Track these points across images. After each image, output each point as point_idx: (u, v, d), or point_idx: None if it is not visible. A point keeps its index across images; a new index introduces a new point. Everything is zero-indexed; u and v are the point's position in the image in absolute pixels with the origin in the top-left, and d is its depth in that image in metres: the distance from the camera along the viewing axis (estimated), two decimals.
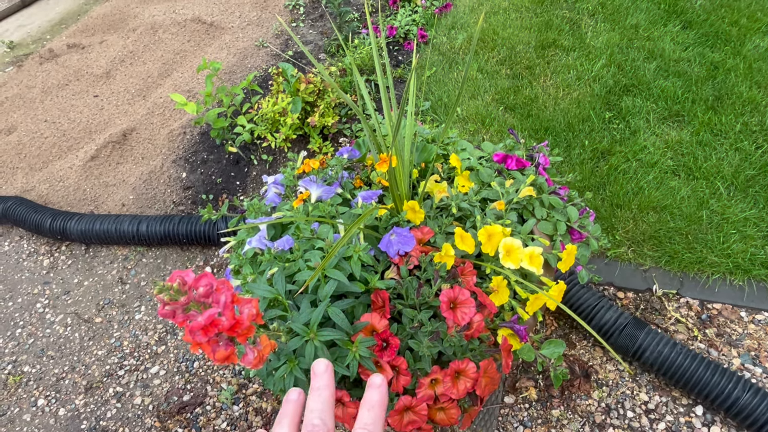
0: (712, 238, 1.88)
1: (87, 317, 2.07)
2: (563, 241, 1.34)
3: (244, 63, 3.04)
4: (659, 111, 2.36)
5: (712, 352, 1.66)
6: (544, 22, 2.97)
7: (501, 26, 2.99)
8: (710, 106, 2.35)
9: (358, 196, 1.20)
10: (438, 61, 2.87)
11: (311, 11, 3.47)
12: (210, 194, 2.36)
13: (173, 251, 2.25)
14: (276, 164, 2.42)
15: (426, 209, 1.28)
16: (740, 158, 2.12)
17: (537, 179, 1.39)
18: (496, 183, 1.35)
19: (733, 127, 2.24)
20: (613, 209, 2.02)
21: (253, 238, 1.15)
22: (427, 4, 3.24)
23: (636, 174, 2.12)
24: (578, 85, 2.55)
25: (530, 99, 2.51)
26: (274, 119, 2.29)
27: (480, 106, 2.52)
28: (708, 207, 1.97)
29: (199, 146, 2.57)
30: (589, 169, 2.16)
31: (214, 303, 0.73)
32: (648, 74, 2.54)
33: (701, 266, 1.83)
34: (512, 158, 1.41)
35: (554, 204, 1.37)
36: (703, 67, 2.55)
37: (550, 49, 2.80)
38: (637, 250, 1.91)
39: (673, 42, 2.72)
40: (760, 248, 1.84)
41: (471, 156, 1.49)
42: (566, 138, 2.30)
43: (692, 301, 1.79)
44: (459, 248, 1.13)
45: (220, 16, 3.46)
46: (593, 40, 2.80)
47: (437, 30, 3.09)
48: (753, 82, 2.42)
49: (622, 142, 2.25)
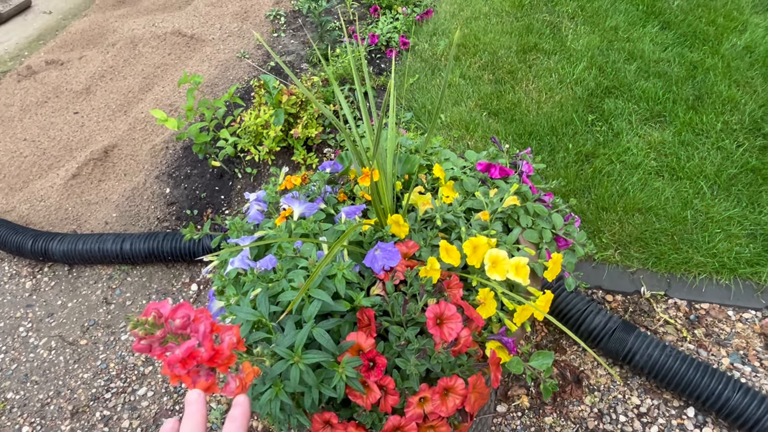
0: (698, 238, 1.89)
1: (71, 340, 2.03)
2: (549, 248, 1.33)
3: (225, 75, 3.01)
4: (641, 112, 2.38)
5: (702, 353, 1.67)
6: (524, 26, 2.99)
7: (482, 31, 2.99)
8: (691, 106, 2.37)
9: (342, 212, 1.19)
10: (420, 68, 2.87)
11: (292, 21, 3.46)
12: (194, 209, 2.34)
13: (159, 269, 2.22)
14: (260, 177, 2.40)
15: (411, 222, 1.27)
16: (722, 157, 2.14)
17: (521, 187, 1.38)
18: (480, 193, 1.34)
19: (714, 126, 2.26)
20: (599, 212, 2.02)
21: (236, 258, 1.13)
22: (408, 11, 3.24)
23: (620, 176, 2.13)
24: (560, 88, 2.57)
25: (513, 104, 2.51)
26: (257, 132, 2.27)
27: (464, 113, 2.52)
28: (692, 207, 1.98)
29: (183, 161, 2.54)
30: (574, 173, 2.16)
31: (192, 333, 0.71)
32: (629, 76, 2.56)
33: (688, 266, 1.84)
34: (496, 167, 1.41)
35: (539, 212, 1.37)
36: (682, 67, 2.57)
37: (531, 53, 2.81)
38: (624, 252, 1.92)
39: (652, 43, 2.74)
40: (745, 246, 1.85)
41: (455, 165, 1.49)
42: (550, 142, 2.31)
43: (680, 302, 1.80)
44: (444, 261, 1.12)
45: (200, 29, 3.43)
46: (574, 43, 2.81)
47: (419, 37, 3.09)
48: (732, 80, 2.45)
49: (605, 145, 2.26)
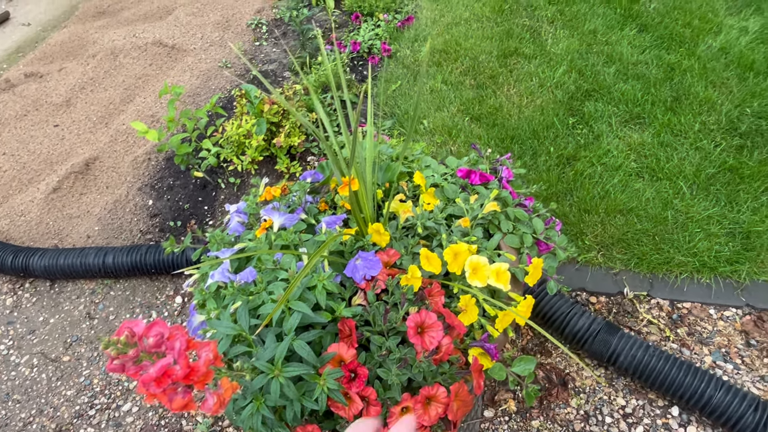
0: (678, 238, 1.91)
1: (54, 356, 2.01)
2: (530, 253, 1.34)
3: (207, 85, 3.00)
4: (621, 114, 2.41)
5: (685, 352, 1.69)
6: (505, 31, 3.01)
7: (463, 37, 3.02)
8: (669, 107, 2.40)
9: (322, 222, 1.19)
10: (403, 74, 2.88)
11: (274, 29, 3.46)
12: (177, 221, 2.32)
13: (142, 282, 2.19)
14: (243, 186, 2.39)
15: (392, 230, 1.28)
16: (700, 157, 2.17)
17: (501, 193, 1.39)
18: (461, 199, 1.35)
19: (692, 126, 2.29)
20: (581, 214, 2.04)
21: (216, 271, 1.12)
22: (390, 17, 3.26)
23: (601, 178, 2.15)
24: (541, 92, 2.59)
25: (495, 108, 2.53)
26: (240, 142, 2.27)
27: (446, 118, 2.53)
28: (672, 207, 2.01)
29: (165, 172, 2.53)
30: (556, 176, 2.18)
31: (168, 351, 0.70)
32: (608, 78, 2.59)
33: (669, 266, 1.86)
34: (476, 173, 1.41)
35: (519, 217, 1.38)
36: (660, 69, 2.61)
37: (512, 58, 2.84)
38: (606, 254, 1.94)
39: (630, 46, 2.78)
40: (724, 245, 1.88)
41: (435, 172, 1.49)
42: (532, 145, 2.33)
43: (663, 302, 1.81)
44: (425, 269, 1.12)
45: (181, 39, 3.42)
46: (553, 47, 2.84)
47: (401, 43, 3.10)
48: (708, 81, 2.49)
49: (586, 147, 2.28)
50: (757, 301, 1.77)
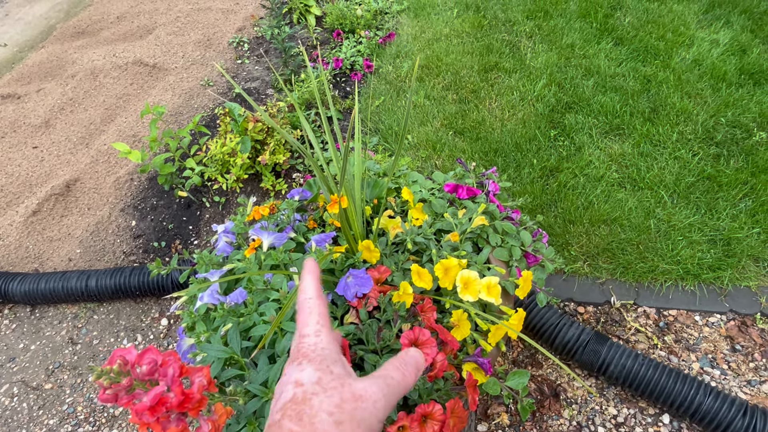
0: (662, 246, 1.95)
1: (36, 384, 1.95)
2: (519, 266, 1.35)
3: (190, 104, 2.99)
4: (601, 126, 2.46)
5: (673, 359, 1.71)
6: (485, 46, 3.06)
7: (444, 52, 3.06)
8: (647, 118, 2.46)
9: (312, 240, 1.18)
10: (386, 90, 2.90)
11: (256, 47, 3.47)
12: (162, 241, 2.29)
13: (126, 305, 2.15)
14: (229, 205, 2.37)
15: (381, 247, 1.28)
16: (680, 166, 2.22)
17: (488, 207, 1.40)
18: (449, 214, 1.36)
19: (670, 136, 2.34)
20: (566, 225, 2.06)
21: (205, 293, 1.11)
22: (371, 34, 3.29)
23: (585, 189, 2.18)
24: (522, 105, 2.63)
25: (478, 122, 2.56)
26: (224, 160, 2.25)
27: (430, 132, 2.55)
28: (655, 216, 2.05)
29: (148, 192, 2.49)
30: (540, 188, 2.21)
31: (161, 378, 0.69)
32: (587, 91, 2.64)
33: (654, 275, 1.89)
34: (463, 188, 1.42)
35: (507, 230, 1.39)
36: (637, 81, 2.67)
37: (492, 72, 2.88)
38: (592, 263, 1.96)
39: (607, 59, 2.84)
40: (707, 252, 1.91)
41: (423, 188, 1.50)
42: (515, 158, 2.36)
43: (649, 310, 1.84)
44: (417, 285, 1.12)
45: (162, 58, 3.40)
46: (533, 61, 2.90)
47: (383, 59, 3.13)
48: (684, 92, 2.55)
49: (568, 159, 2.32)
50: (741, 307, 1.80)
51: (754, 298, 1.81)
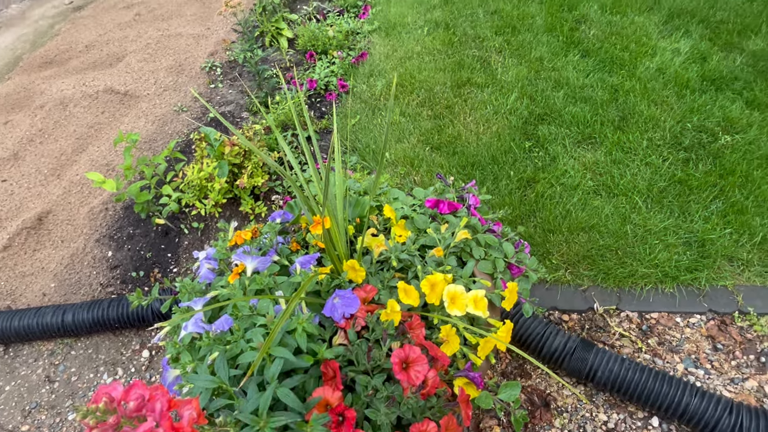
0: (640, 251, 1.98)
1: (11, 427, 1.87)
2: (503, 278, 1.36)
3: (164, 130, 2.96)
4: (573, 135, 2.51)
5: (658, 362, 1.73)
6: (456, 63, 3.11)
7: (417, 70, 3.10)
8: (617, 127, 2.52)
9: (296, 263, 1.17)
10: (361, 109, 2.92)
11: (229, 71, 3.46)
12: (140, 271, 2.24)
13: (105, 338, 2.09)
14: (208, 230, 2.34)
15: (366, 265, 1.27)
16: (651, 172, 2.28)
17: (470, 220, 1.41)
18: (432, 229, 1.36)
19: (641, 143, 2.41)
20: (546, 235, 2.09)
21: (189, 322, 1.08)
22: (344, 54, 3.32)
23: (562, 198, 2.22)
24: (496, 118, 2.67)
25: (454, 137, 2.59)
26: (202, 185, 2.23)
27: (407, 149, 2.57)
28: (631, 221, 2.09)
29: (124, 221, 2.45)
30: (518, 199, 2.24)
31: (148, 413, 0.67)
32: (558, 102, 2.70)
33: (634, 279, 1.92)
34: (444, 203, 1.43)
35: (490, 242, 1.40)
36: (605, 91, 2.74)
37: (465, 87, 2.93)
38: (573, 271, 1.98)
39: (575, 70, 2.92)
40: (683, 254, 1.96)
41: (404, 204, 1.51)
42: (493, 171, 2.39)
43: (632, 314, 1.86)
44: (404, 302, 1.12)
45: (134, 85, 3.37)
46: (504, 75, 2.95)
47: (356, 79, 3.16)
48: (650, 100, 2.63)
49: (544, 169, 2.36)
50: (719, 306, 1.84)
51: (730, 297, 1.85)
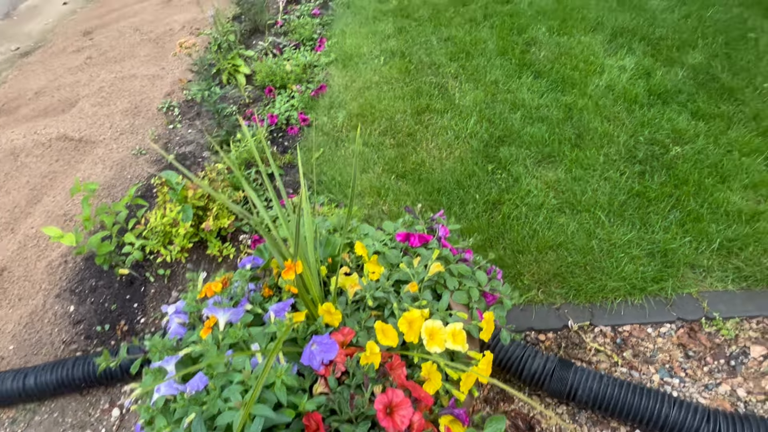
0: (607, 265, 2.03)
1: None
2: (479, 307, 1.37)
3: (123, 175, 2.89)
4: (533, 155, 2.57)
5: (634, 374, 1.76)
6: (414, 90, 3.17)
7: (376, 99, 3.13)
8: (574, 144, 2.60)
9: (270, 311, 1.15)
10: (324, 141, 2.92)
11: (187, 110, 3.43)
12: (105, 324, 2.15)
13: (72, 399, 1.99)
14: (175, 277, 2.27)
15: (342, 306, 1.26)
16: (610, 186, 2.35)
17: (442, 251, 1.42)
18: (405, 264, 1.36)
19: (598, 159, 2.49)
20: (515, 256, 2.12)
21: (162, 384, 1.04)
22: (303, 88, 3.33)
23: (528, 218, 2.26)
24: (458, 143, 2.72)
25: (418, 164, 2.62)
26: (166, 231, 2.18)
27: (373, 179, 2.58)
28: (596, 237, 2.14)
29: (85, 273, 2.36)
30: (486, 222, 2.27)
31: None
32: (516, 123, 2.77)
33: (604, 293, 1.96)
34: (414, 236, 1.44)
35: (463, 272, 1.41)
36: (559, 110, 2.84)
37: (425, 114, 2.98)
38: (545, 290, 2.01)
39: (529, 91, 3.01)
40: (647, 265, 2.01)
41: (375, 239, 1.51)
42: (459, 195, 2.42)
43: (605, 329, 1.90)
44: (383, 343, 1.11)
45: (89, 130, 3.29)
46: (462, 100, 3.02)
47: (317, 111, 3.17)
48: (603, 117, 2.73)
49: (508, 191, 2.40)
50: (686, 314, 1.89)
51: (696, 304, 1.91)
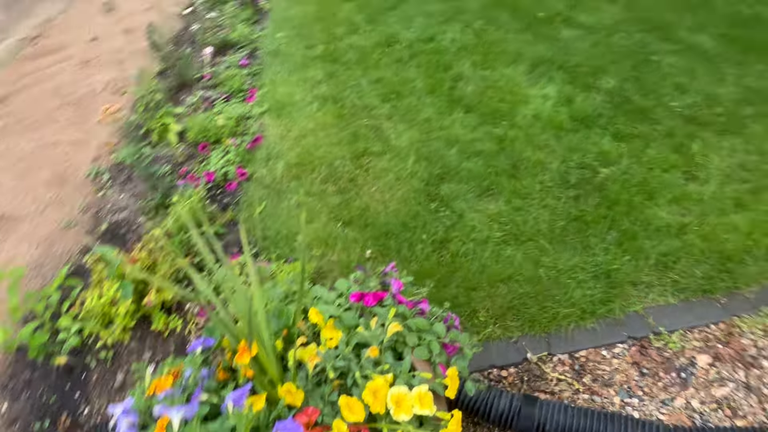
0: (557, 292, 2.09)
1: None
2: (440, 360, 1.36)
3: (52, 252, 2.71)
4: (473, 190, 2.64)
5: (596, 399, 1.80)
6: (351, 134, 3.19)
7: (314, 147, 3.13)
8: (511, 175, 2.69)
9: (227, 400, 1.09)
10: (265, 195, 2.88)
11: (118, 175, 3.29)
12: (45, 420, 1.98)
13: None
14: (119, 358, 2.13)
15: (302, 382, 1.22)
16: (549, 213, 2.44)
17: (398, 308, 1.41)
18: (362, 326, 1.34)
19: (535, 188, 2.58)
20: (468, 293, 2.14)
21: None
22: (238, 141, 3.28)
23: (476, 253, 2.30)
24: (399, 184, 2.75)
25: (362, 209, 2.62)
26: (104, 312, 2.05)
27: (319, 229, 2.56)
28: (542, 265, 2.20)
29: (17, 366, 2.17)
30: (436, 261, 2.29)
31: None
32: (453, 160, 2.84)
33: (557, 321, 2.01)
34: (368, 295, 1.43)
35: (421, 327, 1.40)
36: (492, 142, 2.94)
37: (364, 158, 3.00)
38: (502, 324, 2.04)
39: (462, 126, 3.10)
40: (594, 288, 2.09)
41: (328, 302, 1.48)
42: (406, 237, 2.43)
43: (563, 357, 1.94)
44: (349, 420, 1.08)
45: (9, 206, 3.08)
46: (398, 140, 3.07)
47: (255, 164, 3.12)
48: (534, 146, 2.85)
49: (454, 228, 2.44)
50: (635, 331, 1.97)
51: (643, 321, 1.99)
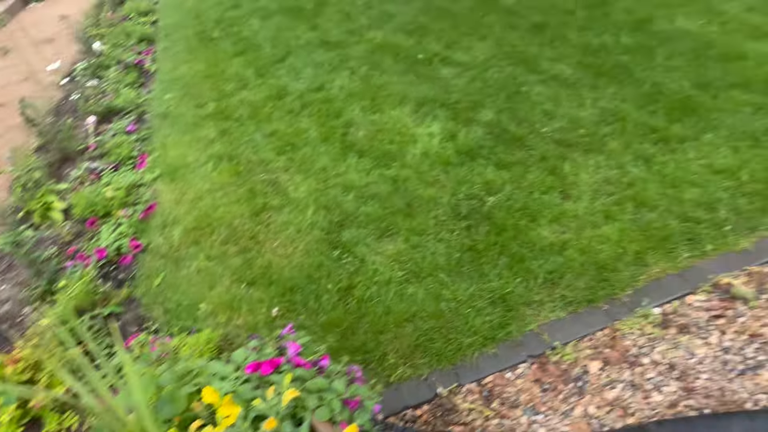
0: (459, 324, 2.18)
1: None
2: (342, 417, 1.38)
3: None
4: (372, 233, 2.71)
5: (505, 422, 1.88)
6: (248, 191, 3.18)
7: (211, 208, 3.08)
8: (406, 214, 2.80)
9: None
10: (163, 265, 2.78)
11: None
12: None
13: None
14: None
15: None
16: (445, 247, 2.56)
17: (295, 372, 1.42)
18: (260, 398, 1.33)
19: (429, 223, 2.70)
20: (376, 337, 2.18)
21: None
22: (130, 212, 3.16)
23: (380, 296, 2.35)
24: (301, 236, 2.77)
25: (265, 267, 2.61)
26: None
27: (222, 293, 2.50)
28: (443, 298, 2.30)
29: None
30: (343, 310, 2.32)
31: None
32: (350, 205, 2.91)
33: (462, 351, 2.09)
34: (264, 364, 1.42)
35: (321, 386, 1.41)
36: (386, 184, 3.05)
37: (263, 213, 2.99)
38: (410, 363, 2.09)
39: (356, 171, 3.19)
40: (492, 314, 2.21)
41: (225, 376, 1.45)
42: (312, 289, 2.44)
43: (471, 386, 2.02)
44: None
45: None
46: (296, 192, 3.10)
47: (150, 234, 3.01)
48: (425, 182, 3.00)
49: (357, 273, 2.49)
50: (533, 350, 2.09)
51: (539, 338, 2.12)
